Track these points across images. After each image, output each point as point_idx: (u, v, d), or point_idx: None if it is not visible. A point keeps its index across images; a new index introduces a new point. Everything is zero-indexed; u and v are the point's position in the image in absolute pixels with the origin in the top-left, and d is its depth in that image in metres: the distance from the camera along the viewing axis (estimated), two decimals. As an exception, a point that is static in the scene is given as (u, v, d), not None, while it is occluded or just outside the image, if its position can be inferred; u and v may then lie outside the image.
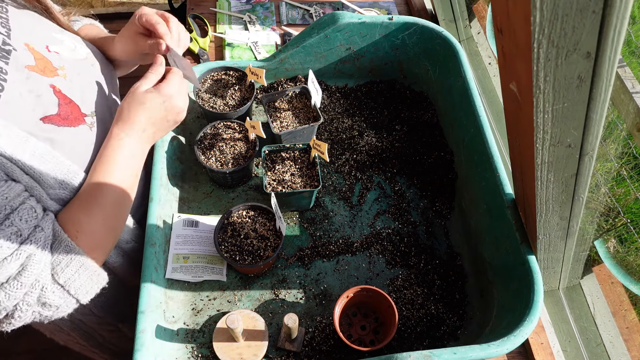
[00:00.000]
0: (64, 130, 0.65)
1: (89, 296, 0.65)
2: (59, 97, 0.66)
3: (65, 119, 0.66)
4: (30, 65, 0.64)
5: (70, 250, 0.61)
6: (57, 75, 0.67)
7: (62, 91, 0.67)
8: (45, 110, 0.63)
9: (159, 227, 0.81)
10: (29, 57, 0.64)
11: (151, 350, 0.69)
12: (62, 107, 0.66)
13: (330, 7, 1.36)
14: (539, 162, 0.57)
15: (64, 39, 0.73)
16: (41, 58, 0.67)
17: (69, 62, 0.71)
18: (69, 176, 0.64)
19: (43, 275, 0.59)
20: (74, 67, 0.72)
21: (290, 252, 0.88)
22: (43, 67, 0.66)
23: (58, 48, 0.71)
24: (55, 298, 0.60)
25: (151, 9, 0.78)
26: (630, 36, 0.98)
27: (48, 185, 0.62)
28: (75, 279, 0.62)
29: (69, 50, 0.73)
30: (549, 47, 0.42)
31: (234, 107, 0.96)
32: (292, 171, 0.90)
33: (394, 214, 0.94)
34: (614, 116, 0.87)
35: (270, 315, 0.81)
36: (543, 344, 0.85)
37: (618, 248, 0.95)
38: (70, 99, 0.68)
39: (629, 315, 0.91)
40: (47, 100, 0.64)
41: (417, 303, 0.83)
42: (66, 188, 0.64)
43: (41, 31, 0.70)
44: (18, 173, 0.58)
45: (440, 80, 1.04)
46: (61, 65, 0.69)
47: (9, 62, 0.61)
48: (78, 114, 0.68)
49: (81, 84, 0.71)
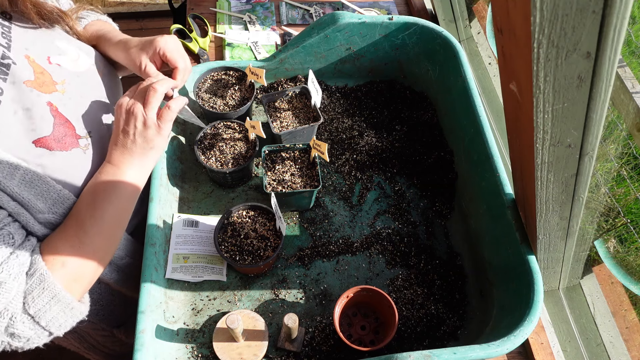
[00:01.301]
0: (56, 155, 0.64)
1: (63, 330, 0.63)
2: (54, 115, 0.64)
3: (58, 141, 0.64)
4: (29, 81, 0.62)
5: (44, 280, 0.58)
6: (55, 90, 0.66)
7: (59, 109, 0.66)
8: (38, 131, 0.62)
9: (159, 227, 0.81)
10: (28, 70, 0.63)
11: (151, 350, 0.69)
12: (56, 127, 0.64)
13: (330, 7, 1.36)
14: (539, 162, 0.57)
15: (68, 48, 0.72)
16: (41, 72, 0.65)
17: (70, 75, 0.70)
18: (59, 201, 0.63)
19: (13, 304, 0.56)
20: (75, 81, 0.70)
21: (290, 252, 0.88)
22: (42, 82, 0.64)
23: (60, 59, 0.69)
24: (25, 329, 0.57)
25: (173, 42, 0.78)
26: (630, 36, 0.98)
27: (37, 210, 0.60)
28: (47, 310, 0.59)
29: (71, 61, 0.71)
30: (549, 47, 0.42)
31: (234, 107, 0.96)
32: (292, 171, 0.90)
33: (394, 214, 0.94)
34: (614, 116, 0.87)
35: (270, 315, 0.81)
36: (543, 344, 0.85)
37: (618, 248, 0.95)
38: (66, 118, 0.66)
39: (629, 315, 0.91)
40: (42, 119, 0.63)
41: (417, 303, 0.83)
42: (56, 213, 0.63)
43: (44, 40, 0.69)
44: (5, 199, 0.57)
45: (440, 80, 1.04)
46: (62, 79, 0.68)
47: (6, 79, 0.60)
48: (72, 135, 0.67)
49: (80, 100, 0.70)
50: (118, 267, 0.80)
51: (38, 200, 0.60)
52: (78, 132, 0.68)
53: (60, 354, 1.25)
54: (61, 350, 0.96)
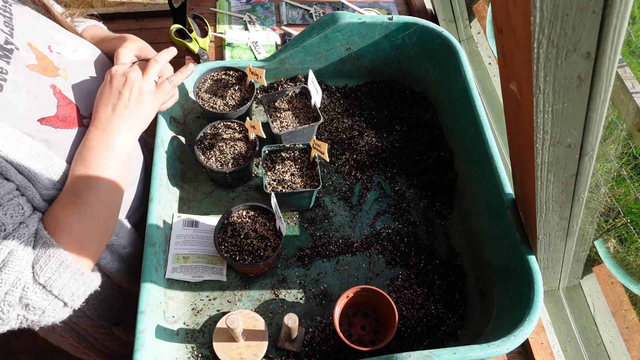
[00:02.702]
0: (60, 132, 0.65)
1: (77, 299, 0.63)
2: (58, 97, 0.66)
3: (62, 120, 0.65)
4: (32, 65, 0.64)
5: (49, 246, 0.59)
6: (58, 75, 0.67)
7: (63, 92, 0.67)
8: (43, 111, 0.63)
9: (159, 227, 0.81)
10: (31, 56, 0.64)
11: (151, 350, 0.69)
12: (60, 108, 0.66)
13: (330, 7, 1.36)
14: (539, 162, 0.57)
15: (66, 40, 0.73)
16: (43, 58, 0.67)
17: (71, 63, 0.71)
18: (63, 177, 0.64)
19: (24, 274, 0.57)
20: (76, 68, 0.72)
21: (290, 252, 0.88)
22: (45, 66, 0.66)
23: (60, 49, 0.71)
24: (38, 300, 0.58)
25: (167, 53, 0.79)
26: (630, 36, 0.98)
27: (42, 186, 0.61)
28: (57, 278, 0.59)
29: (70, 51, 0.73)
30: (549, 47, 0.42)
31: (234, 107, 0.96)
32: (292, 171, 0.90)
33: (394, 214, 0.94)
34: (614, 116, 0.87)
35: (270, 315, 0.81)
36: (543, 344, 0.85)
37: (618, 248, 0.95)
38: (70, 100, 0.68)
39: (629, 315, 0.91)
40: (46, 100, 0.64)
41: (417, 303, 0.83)
42: (60, 189, 0.64)
43: (43, 31, 0.70)
44: (12, 172, 0.58)
45: (440, 80, 1.04)
46: (63, 66, 0.69)
47: (10, 62, 0.61)
48: (76, 115, 0.68)
49: (82, 85, 0.71)
50: (120, 256, 0.80)
51: (43, 175, 0.61)
52: (82, 113, 0.69)
53: (59, 354, 1.25)
54: (61, 350, 0.96)
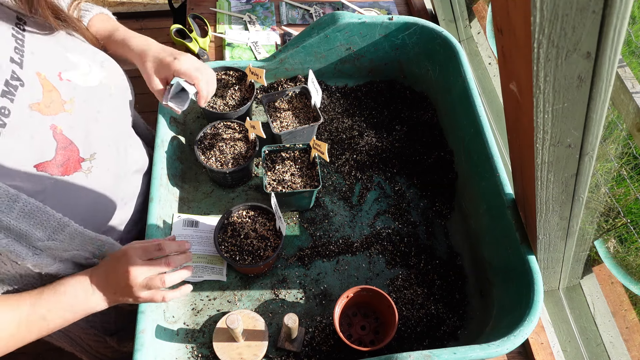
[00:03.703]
0: (57, 179, 0.63)
1: None
2: (58, 139, 0.63)
3: (60, 166, 0.63)
4: (35, 104, 0.62)
5: None
6: (63, 110, 0.65)
7: (64, 132, 0.64)
8: (40, 155, 0.61)
9: (159, 227, 0.81)
10: (37, 90, 0.62)
11: (151, 350, 0.69)
12: (59, 151, 0.63)
13: (330, 7, 1.36)
14: (539, 162, 0.57)
15: (79, 60, 0.70)
16: (50, 90, 0.64)
17: (80, 92, 0.68)
18: (58, 228, 0.63)
19: None
20: (84, 99, 0.69)
21: (290, 252, 0.88)
22: (49, 102, 0.63)
23: (71, 74, 0.68)
24: None
25: (187, 64, 0.78)
26: (630, 36, 0.98)
27: (36, 239, 0.60)
28: None
29: (82, 75, 0.70)
30: (549, 47, 0.42)
31: (234, 107, 0.96)
32: (292, 171, 0.90)
33: (394, 214, 0.94)
34: (614, 116, 0.87)
35: (270, 315, 0.81)
36: (543, 344, 0.85)
37: (618, 248, 0.95)
38: (70, 141, 0.65)
39: (629, 315, 0.91)
40: (45, 143, 0.62)
41: (417, 303, 0.83)
42: (56, 239, 0.63)
43: (56, 54, 0.67)
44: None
45: (440, 80, 1.04)
46: (70, 97, 0.66)
47: (14, 99, 0.59)
48: (75, 159, 0.66)
49: (87, 119, 0.69)
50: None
51: (37, 229, 0.60)
52: (82, 155, 0.67)
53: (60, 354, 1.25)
54: (62, 352, 0.96)
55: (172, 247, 0.71)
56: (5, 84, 0.58)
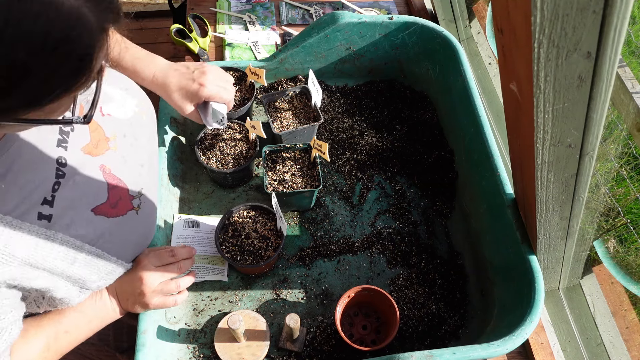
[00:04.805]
0: (114, 222, 0.64)
1: None
2: (108, 179, 0.64)
3: (114, 207, 0.64)
4: (85, 146, 0.62)
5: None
6: (108, 149, 0.65)
7: (112, 170, 0.65)
8: (96, 198, 0.62)
9: (159, 227, 0.81)
10: (84, 131, 0.62)
11: (152, 350, 0.69)
12: (111, 192, 0.64)
13: (330, 7, 1.36)
14: (539, 162, 0.57)
15: (114, 93, 0.70)
16: (95, 128, 0.64)
17: (120, 126, 0.69)
18: (111, 271, 0.64)
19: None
20: (124, 133, 0.69)
21: (291, 252, 0.88)
22: (96, 142, 0.64)
23: (110, 108, 0.68)
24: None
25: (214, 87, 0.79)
26: (630, 36, 0.99)
27: (90, 281, 0.61)
28: None
29: (119, 108, 0.70)
30: (550, 47, 0.43)
31: (235, 107, 0.96)
32: (292, 171, 0.90)
33: (394, 214, 0.94)
34: (614, 116, 0.88)
35: (271, 315, 0.81)
36: (543, 344, 0.85)
37: (618, 248, 0.95)
38: (119, 179, 0.66)
39: (629, 315, 0.91)
40: (98, 186, 0.62)
41: (418, 302, 0.83)
42: (107, 279, 0.64)
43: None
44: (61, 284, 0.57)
45: (440, 80, 1.04)
46: (113, 134, 0.67)
47: (67, 147, 0.59)
48: (126, 198, 0.67)
49: (128, 155, 0.69)
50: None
51: (93, 274, 0.61)
52: (131, 193, 0.68)
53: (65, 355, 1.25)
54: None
55: (183, 253, 0.73)
56: (59, 132, 0.58)
